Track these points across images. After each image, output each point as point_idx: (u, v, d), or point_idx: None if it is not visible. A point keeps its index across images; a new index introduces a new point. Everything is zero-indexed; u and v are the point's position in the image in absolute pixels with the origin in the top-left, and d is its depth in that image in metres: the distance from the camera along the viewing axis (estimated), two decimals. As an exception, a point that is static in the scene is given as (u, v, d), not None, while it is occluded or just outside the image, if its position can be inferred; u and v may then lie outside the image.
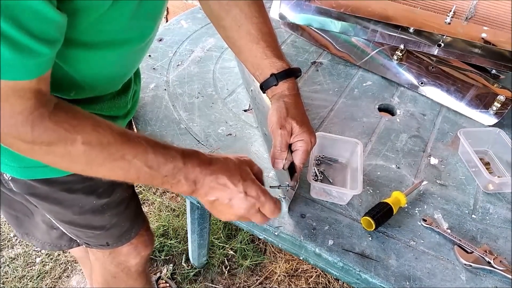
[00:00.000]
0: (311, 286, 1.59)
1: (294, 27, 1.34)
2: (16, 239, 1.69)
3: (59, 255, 1.64)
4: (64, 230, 0.95)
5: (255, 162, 0.70)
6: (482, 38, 1.15)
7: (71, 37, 0.57)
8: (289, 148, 0.77)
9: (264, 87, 0.81)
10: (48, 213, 0.88)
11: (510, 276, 0.75)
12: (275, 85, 0.79)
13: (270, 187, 0.79)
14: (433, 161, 0.98)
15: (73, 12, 0.53)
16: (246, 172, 0.66)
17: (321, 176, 0.91)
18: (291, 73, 0.80)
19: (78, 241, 0.99)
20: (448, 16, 1.18)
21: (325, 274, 1.63)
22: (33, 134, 0.53)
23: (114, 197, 0.89)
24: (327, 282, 1.61)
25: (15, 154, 0.71)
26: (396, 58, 1.19)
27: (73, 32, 0.57)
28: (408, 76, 1.19)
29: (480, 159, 0.93)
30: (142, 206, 1.07)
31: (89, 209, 0.86)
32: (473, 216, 0.87)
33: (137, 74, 0.92)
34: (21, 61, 0.49)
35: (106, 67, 0.70)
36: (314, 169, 0.92)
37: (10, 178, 0.78)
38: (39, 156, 0.57)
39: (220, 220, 1.73)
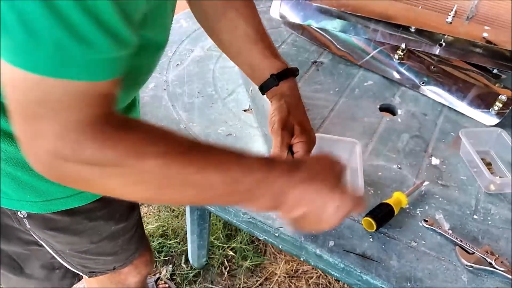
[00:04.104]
0: (311, 287, 1.59)
1: (294, 26, 1.33)
2: (15, 239, 1.68)
3: (58, 255, 1.63)
4: (68, 266, 0.88)
5: None
6: (484, 38, 1.14)
7: None
8: (290, 149, 0.76)
9: (264, 88, 0.79)
10: (63, 245, 0.82)
11: (511, 277, 0.75)
12: (276, 85, 0.77)
13: None
14: (435, 161, 0.97)
15: None
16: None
17: (321, 176, 0.90)
18: (290, 73, 0.78)
19: (80, 273, 0.93)
20: (450, 15, 1.18)
21: (326, 275, 1.62)
22: (104, 152, 0.41)
23: (130, 221, 0.87)
24: (327, 283, 1.60)
25: (38, 188, 0.65)
26: (397, 58, 1.19)
27: None
28: (409, 76, 1.18)
29: (482, 159, 0.93)
30: (141, 207, 1.05)
31: (107, 235, 0.83)
32: (474, 216, 0.86)
33: None
34: (109, 52, 0.37)
35: (131, 78, 0.60)
36: (315, 169, 0.91)
37: (25, 215, 0.71)
38: (107, 180, 0.45)
39: (220, 221, 1.72)
